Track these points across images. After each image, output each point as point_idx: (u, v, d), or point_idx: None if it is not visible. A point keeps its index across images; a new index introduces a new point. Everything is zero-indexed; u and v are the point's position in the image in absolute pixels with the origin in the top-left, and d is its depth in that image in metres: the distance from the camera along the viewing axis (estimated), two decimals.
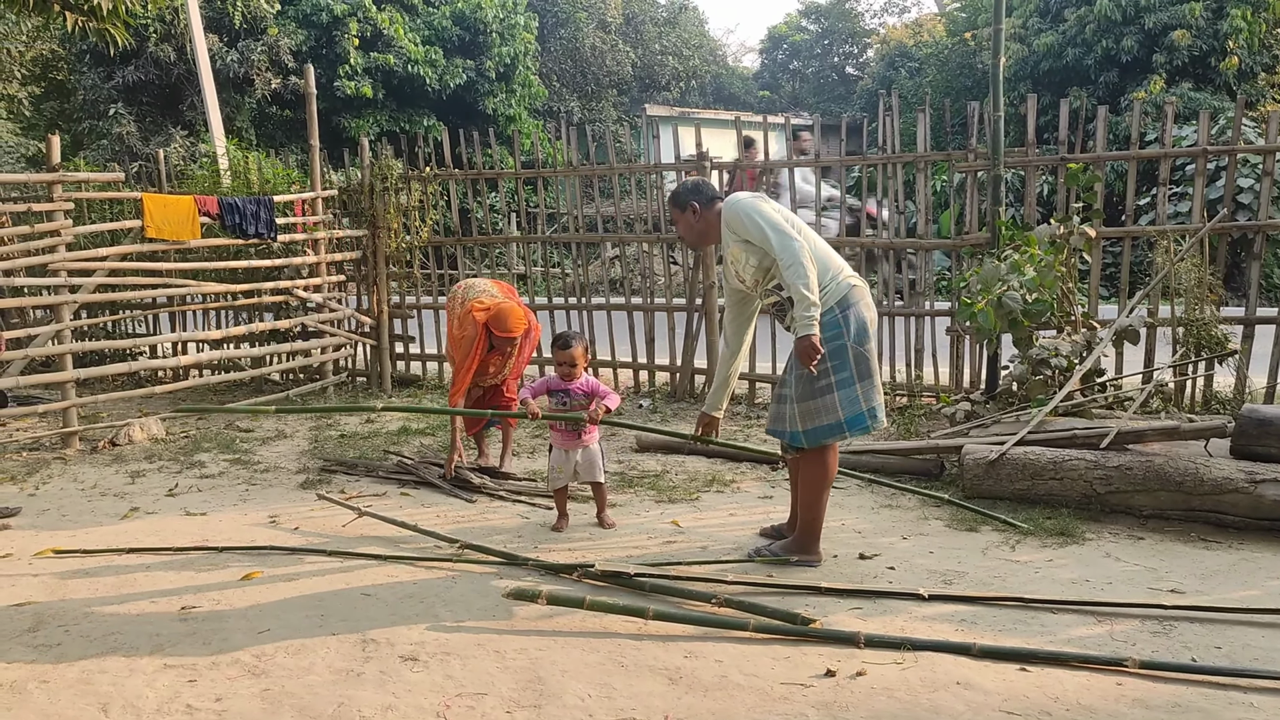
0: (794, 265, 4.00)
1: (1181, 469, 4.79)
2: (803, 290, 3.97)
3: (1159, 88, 18.69)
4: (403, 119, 22.80)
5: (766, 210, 4.18)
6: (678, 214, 4.54)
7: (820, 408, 4.15)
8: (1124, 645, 3.46)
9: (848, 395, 4.12)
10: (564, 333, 5.12)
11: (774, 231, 4.09)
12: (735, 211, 4.23)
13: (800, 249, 4.03)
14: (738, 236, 4.25)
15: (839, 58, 40.16)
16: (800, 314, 3.99)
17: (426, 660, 3.42)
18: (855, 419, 4.14)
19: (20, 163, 18.51)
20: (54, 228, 6.97)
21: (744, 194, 4.32)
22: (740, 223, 4.20)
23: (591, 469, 4.97)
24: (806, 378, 4.14)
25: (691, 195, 4.50)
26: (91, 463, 6.57)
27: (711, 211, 4.42)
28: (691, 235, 4.59)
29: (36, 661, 3.47)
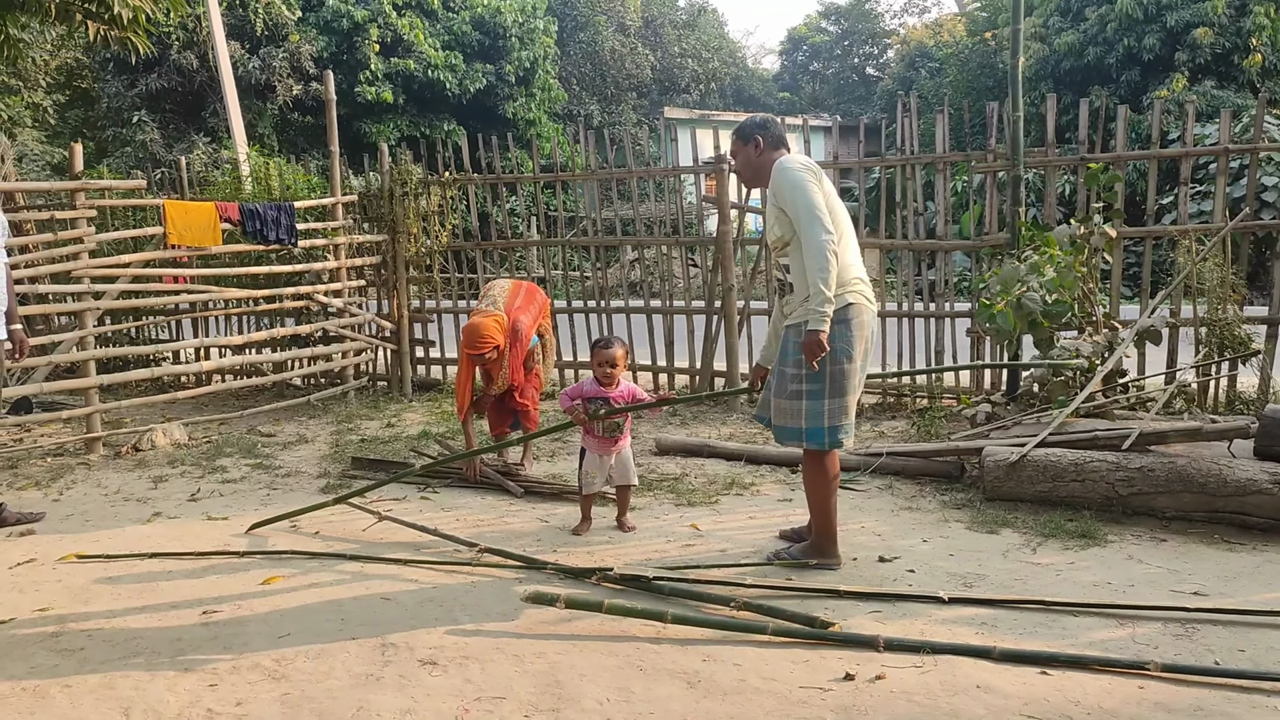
0: (818, 257, 3.93)
1: (1204, 470, 4.74)
2: (821, 286, 3.91)
3: (1181, 86, 18.55)
4: (423, 124, 22.93)
5: (812, 190, 4.03)
6: (739, 145, 4.39)
7: (788, 409, 4.15)
8: (1146, 648, 3.43)
9: (814, 408, 4.08)
10: (604, 336, 5.15)
11: (809, 216, 3.97)
12: (783, 178, 4.09)
13: (828, 243, 3.93)
14: (774, 200, 4.15)
15: (859, 59, 40.07)
16: (814, 308, 3.93)
17: (445, 664, 3.43)
18: (814, 433, 4.11)
19: (45, 170, 18.70)
20: (77, 235, 7.04)
21: (799, 160, 4.14)
22: (783, 190, 4.08)
23: (626, 472, 4.99)
24: (785, 375, 4.15)
25: (758, 130, 4.35)
26: (115, 468, 6.63)
27: (772, 155, 4.29)
28: (747, 171, 4.44)
29: (59, 666, 3.50)
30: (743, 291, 8.18)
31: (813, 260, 3.93)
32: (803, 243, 3.98)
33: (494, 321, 5.65)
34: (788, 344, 4.19)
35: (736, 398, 7.97)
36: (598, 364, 4.95)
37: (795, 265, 4.13)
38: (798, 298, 4.12)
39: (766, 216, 4.25)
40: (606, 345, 4.96)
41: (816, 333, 3.93)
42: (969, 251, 7.64)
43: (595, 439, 4.98)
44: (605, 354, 4.92)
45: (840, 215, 4.12)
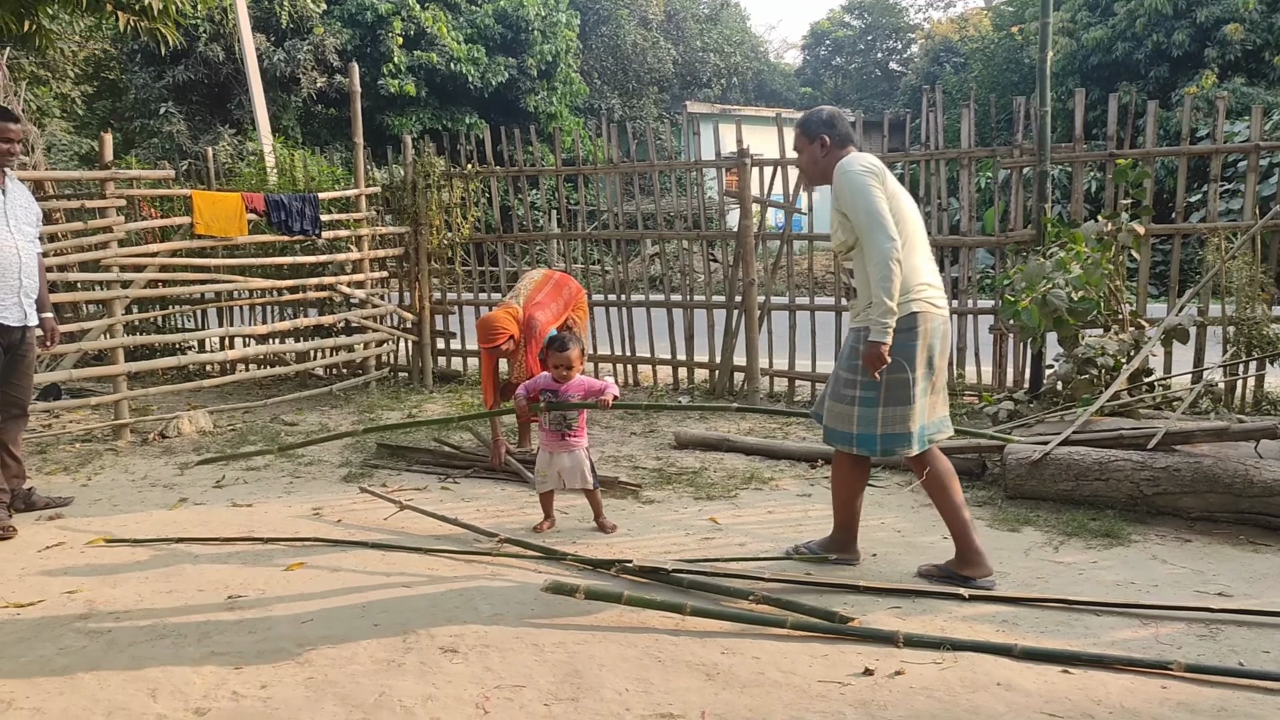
0: (880, 266, 3.78)
1: (1231, 471, 4.71)
2: (882, 296, 3.78)
3: (1211, 82, 18.37)
4: (445, 117, 22.99)
5: (874, 194, 3.86)
6: (804, 142, 4.18)
7: (840, 413, 4.06)
8: (1169, 648, 3.41)
9: (867, 414, 3.98)
10: (560, 335, 4.99)
11: (871, 222, 3.82)
12: (845, 181, 3.93)
13: (891, 251, 3.77)
14: (836, 205, 3.99)
15: (882, 53, 39.90)
16: (876, 319, 3.81)
17: (466, 652, 3.46)
18: (865, 439, 4.01)
19: (74, 160, 18.87)
20: (106, 224, 7.11)
21: (860, 162, 3.96)
22: (844, 194, 3.93)
23: (574, 475, 4.84)
24: (840, 378, 4.08)
25: (825, 128, 4.13)
26: (142, 454, 6.70)
27: (838, 154, 4.10)
28: (812, 170, 4.22)
29: (87, 648, 3.54)
30: (763, 286, 8.17)
31: (874, 269, 3.80)
32: (865, 250, 3.86)
33: (506, 314, 5.70)
34: (847, 347, 4.09)
35: (755, 393, 7.96)
36: (554, 365, 4.84)
37: (859, 271, 4.00)
38: (861, 302, 4.01)
39: (831, 220, 4.10)
40: (562, 347, 4.83)
41: (877, 344, 3.81)
42: (993, 248, 7.60)
43: (544, 433, 4.90)
44: (560, 356, 4.82)
45: (908, 216, 3.97)
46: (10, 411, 5.26)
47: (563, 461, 4.84)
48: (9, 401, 5.24)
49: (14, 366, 5.21)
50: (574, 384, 4.85)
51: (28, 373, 5.30)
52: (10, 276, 5.05)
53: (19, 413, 5.31)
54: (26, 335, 5.23)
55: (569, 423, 4.84)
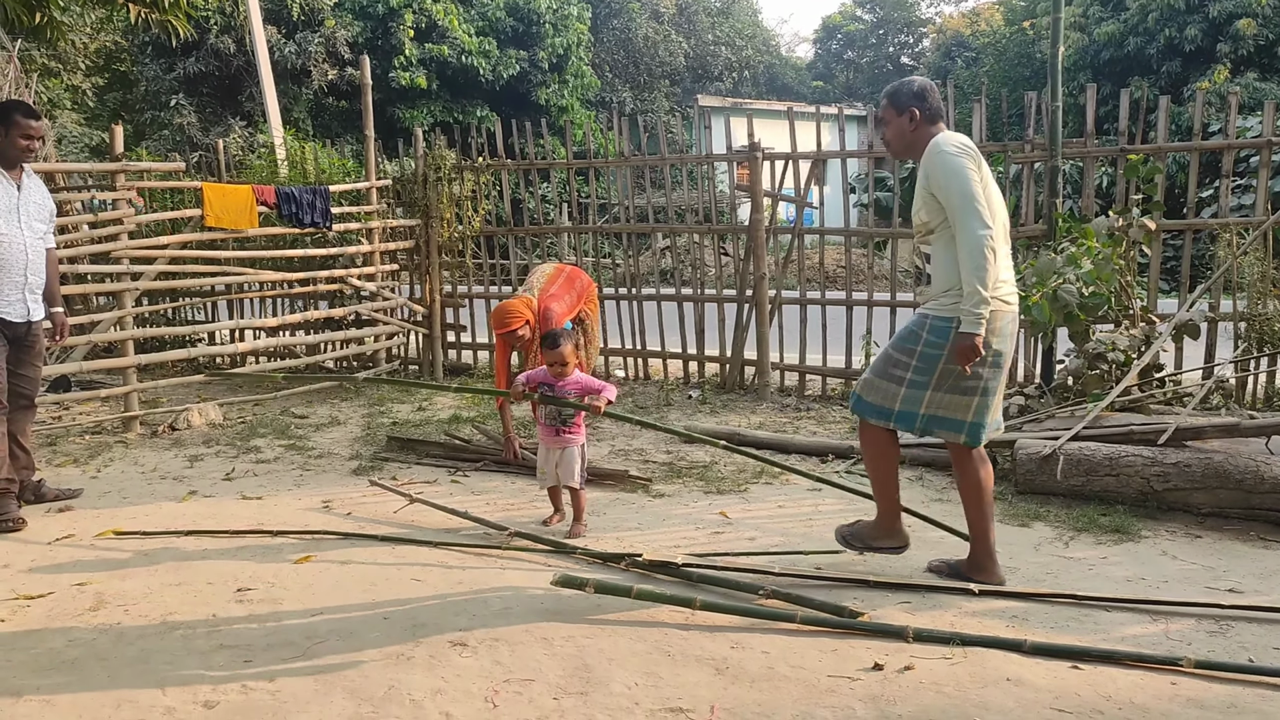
0: (975, 254, 3.63)
1: (1242, 467, 4.69)
2: (977, 285, 3.62)
3: (1223, 77, 18.28)
4: (456, 109, 23.00)
5: (972, 178, 3.69)
6: (892, 114, 3.98)
7: (882, 389, 3.94)
8: (1179, 645, 3.40)
9: (912, 395, 3.87)
10: (552, 331, 4.90)
11: (967, 207, 3.66)
12: (940, 162, 3.75)
13: (986, 239, 3.62)
14: (926, 184, 3.83)
15: (894, 48, 39.77)
16: (968, 308, 3.64)
17: (475, 646, 3.46)
18: (905, 416, 3.91)
19: (84, 152, 18.92)
20: (117, 216, 7.13)
21: (956, 141, 3.79)
22: (937, 174, 3.75)
23: (566, 471, 4.77)
24: (890, 357, 3.93)
25: (915, 100, 3.93)
26: (151, 447, 6.72)
27: (929, 130, 3.92)
28: (899, 144, 4.02)
29: (97, 640, 3.56)
30: (774, 280, 8.16)
31: (968, 257, 3.64)
32: (958, 236, 3.69)
33: (522, 302, 5.70)
34: (906, 329, 3.95)
35: (766, 388, 7.95)
36: (547, 362, 4.76)
37: (938, 256, 3.85)
38: (935, 289, 3.86)
39: (915, 198, 3.92)
40: (554, 344, 4.73)
41: (971, 336, 3.65)
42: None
43: (541, 426, 4.86)
44: (553, 353, 4.72)
45: (997, 206, 3.79)
46: (18, 403, 5.26)
47: (556, 457, 4.81)
48: (16, 394, 5.24)
49: (21, 360, 5.22)
50: (571, 381, 4.78)
51: (36, 365, 5.32)
52: (15, 272, 5.06)
53: (26, 404, 5.32)
54: (33, 329, 5.24)
55: (564, 419, 4.79)
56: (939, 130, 3.91)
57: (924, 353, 3.82)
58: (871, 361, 4.10)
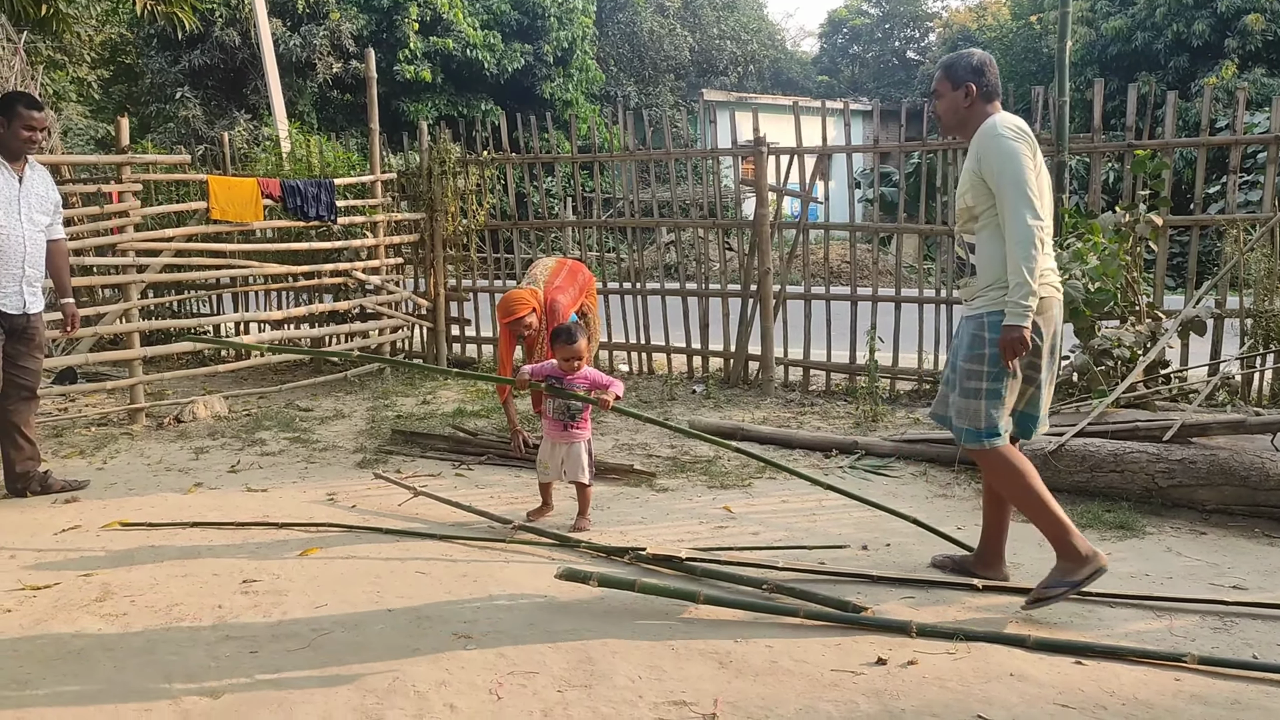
0: (1025, 244, 3.49)
1: (1247, 464, 4.68)
2: (1026, 276, 3.48)
3: (1231, 73, 18.23)
4: (461, 103, 22.98)
5: (1026, 165, 3.55)
6: (946, 87, 3.81)
7: (966, 409, 3.73)
8: (1183, 641, 3.40)
9: (992, 405, 3.68)
10: (567, 326, 4.88)
11: (1019, 196, 3.52)
12: (994, 145, 3.60)
13: (1037, 230, 3.49)
14: (976, 168, 3.67)
15: (900, 42, 39.68)
16: (1016, 299, 3.50)
17: (479, 638, 3.47)
18: (994, 431, 3.69)
19: (90, 145, 18.93)
20: (122, 208, 7.14)
21: (1012, 125, 3.64)
22: (990, 157, 3.60)
23: (575, 468, 4.75)
24: (963, 372, 3.73)
25: (973, 75, 3.75)
26: (157, 438, 6.74)
27: (984, 108, 3.76)
28: (951, 119, 3.87)
29: (103, 630, 3.57)
30: (779, 275, 8.15)
31: (1018, 247, 3.50)
32: (1007, 225, 3.54)
33: (528, 292, 5.70)
34: (964, 336, 3.76)
35: (770, 383, 7.95)
36: (563, 358, 4.73)
37: (983, 245, 3.70)
38: (980, 282, 3.72)
39: (961, 180, 3.80)
40: (570, 339, 4.71)
41: (1018, 329, 3.51)
42: None
43: (548, 421, 4.83)
44: (570, 349, 4.70)
45: (1047, 196, 3.66)
46: (19, 395, 5.27)
47: (563, 452, 4.79)
48: (17, 385, 5.25)
49: (21, 352, 5.22)
50: (580, 375, 4.76)
51: (35, 356, 5.33)
52: (13, 264, 5.06)
53: (28, 395, 5.33)
54: (32, 321, 5.23)
55: (573, 413, 4.77)
56: (994, 109, 3.76)
57: (993, 354, 3.62)
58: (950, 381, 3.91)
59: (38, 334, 5.31)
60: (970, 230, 3.77)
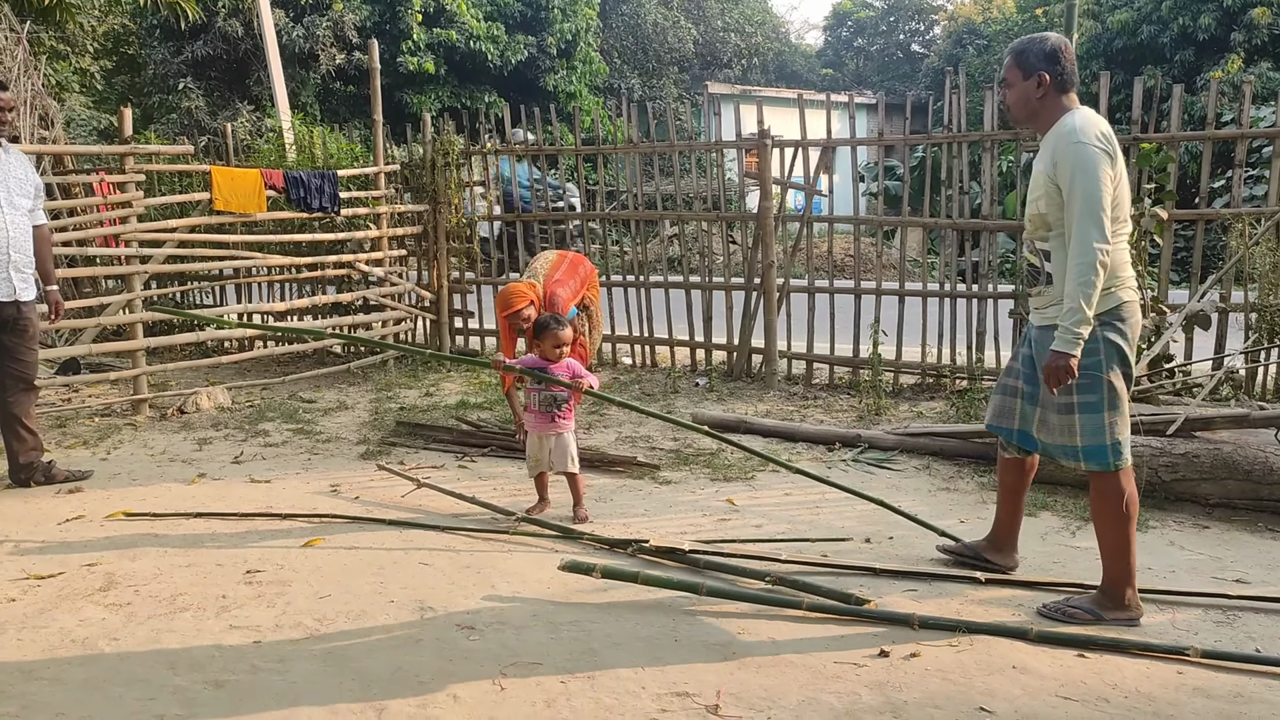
0: (1085, 268, 3.28)
1: (1250, 458, 4.68)
2: (1081, 302, 3.28)
3: (1237, 67, 18.18)
4: (464, 95, 22.94)
5: (1103, 180, 3.31)
6: (1016, 75, 3.57)
7: (1059, 425, 3.53)
8: (1186, 634, 3.41)
9: (1091, 422, 3.44)
10: (548, 317, 4.91)
11: (1089, 214, 3.29)
12: (1073, 153, 3.34)
13: (1100, 255, 3.27)
14: (1050, 172, 3.44)
15: (904, 35, 39.58)
16: (1065, 323, 3.31)
17: (482, 629, 3.48)
18: (1095, 451, 3.45)
19: (92, 135, 18.92)
20: (126, 199, 7.14)
21: (1095, 130, 3.38)
22: (1065, 165, 3.36)
23: (562, 459, 4.75)
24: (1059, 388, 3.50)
25: (1046, 63, 3.50)
26: (160, 429, 6.75)
27: (1057, 100, 3.52)
28: (1021, 111, 3.62)
29: (107, 620, 3.58)
30: (782, 268, 8.14)
31: (1077, 270, 3.29)
32: (1072, 242, 3.33)
33: (527, 285, 5.70)
34: (1044, 350, 3.49)
35: (773, 376, 7.95)
36: (553, 345, 4.75)
37: (1058, 256, 3.48)
38: (1056, 292, 3.48)
39: (1033, 183, 3.57)
40: (561, 326, 4.79)
41: (1065, 356, 3.31)
42: (1014, 233, 7.54)
43: (532, 414, 4.82)
44: (559, 335, 4.74)
45: (1124, 199, 3.46)
46: (17, 386, 5.24)
47: (550, 443, 4.78)
48: (14, 377, 5.22)
49: (15, 343, 5.18)
50: (562, 365, 4.78)
51: (30, 346, 5.28)
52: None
53: (26, 387, 5.30)
54: (23, 309, 5.18)
55: (558, 403, 4.77)
56: (1070, 102, 3.52)
57: (1081, 368, 3.41)
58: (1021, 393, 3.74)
59: (30, 324, 5.26)
60: (1043, 237, 3.56)
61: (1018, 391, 3.74)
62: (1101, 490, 3.51)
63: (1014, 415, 3.76)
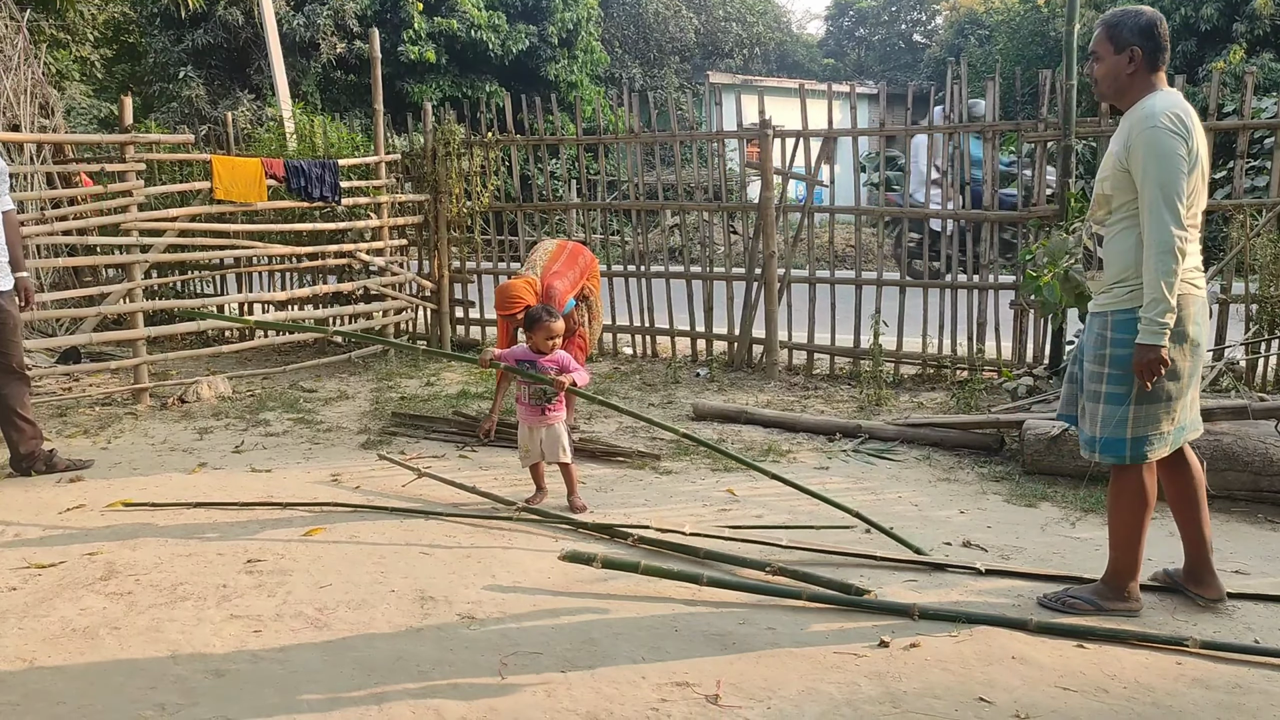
0: (1163, 256, 3.20)
1: (1250, 449, 4.68)
2: (1163, 290, 3.20)
3: (1238, 58, 18.11)
4: (465, 84, 22.86)
5: (1179, 168, 3.23)
6: (1107, 49, 3.42)
7: (1089, 413, 3.49)
8: (1185, 625, 3.41)
9: (1113, 414, 3.39)
10: (538, 309, 4.88)
11: (1164, 202, 3.21)
12: (1149, 137, 3.25)
13: (1176, 243, 3.20)
14: (1123, 155, 3.34)
15: (906, 25, 39.47)
16: (1151, 316, 3.23)
17: (483, 619, 3.48)
18: (1110, 444, 3.41)
19: (93, 124, 18.87)
20: (126, 188, 7.13)
21: (1173, 114, 3.26)
22: (1139, 150, 3.27)
23: (554, 449, 4.75)
24: (1090, 374, 3.48)
25: (1140, 38, 3.36)
26: (161, 419, 6.75)
27: (1149, 79, 3.39)
28: (1109, 87, 3.47)
29: (108, 609, 3.58)
30: (784, 259, 8.13)
31: (1157, 258, 3.21)
32: (1147, 230, 3.25)
33: (525, 283, 5.67)
34: (1089, 334, 3.52)
35: (774, 366, 7.95)
36: (545, 337, 4.75)
37: (1113, 239, 3.42)
38: (1107, 278, 3.44)
39: (1103, 164, 3.48)
40: (554, 318, 4.79)
41: (1154, 348, 3.23)
42: (1014, 223, 7.54)
43: (524, 407, 4.81)
44: (550, 327, 4.75)
45: (1200, 188, 3.37)
46: (7, 377, 5.19)
47: (541, 434, 4.78)
48: (2, 368, 5.17)
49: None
50: (551, 359, 4.76)
51: (10, 337, 5.19)
52: None
53: (15, 377, 5.24)
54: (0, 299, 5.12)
55: (548, 396, 4.75)
56: (1159, 82, 3.39)
57: (1115, 355, 3.38)
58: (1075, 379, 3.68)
59: (6, 312, 5.16)
60: (1101, 220, 3.49)
61: (1076, 379, 3.67)
62: (1120, 482, 3.49)
63: (1077, 402, 3.66)
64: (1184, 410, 3.44)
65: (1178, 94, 3.40)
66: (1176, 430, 3.42)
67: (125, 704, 2.90)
